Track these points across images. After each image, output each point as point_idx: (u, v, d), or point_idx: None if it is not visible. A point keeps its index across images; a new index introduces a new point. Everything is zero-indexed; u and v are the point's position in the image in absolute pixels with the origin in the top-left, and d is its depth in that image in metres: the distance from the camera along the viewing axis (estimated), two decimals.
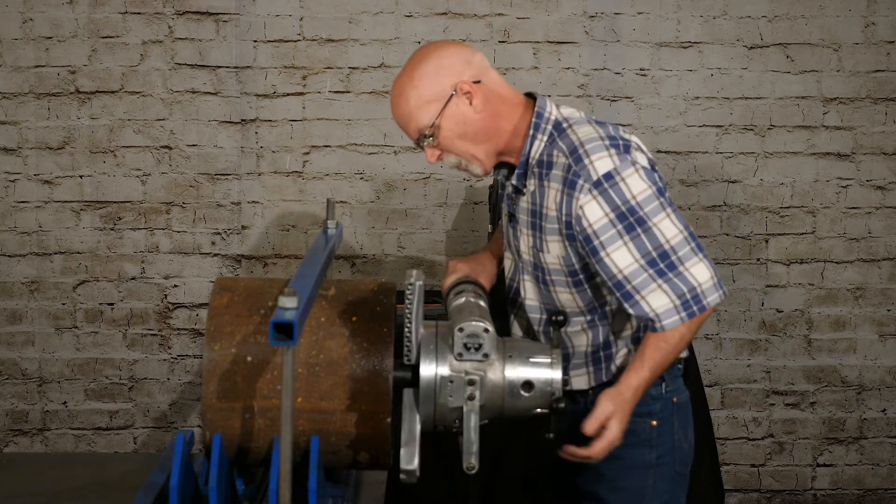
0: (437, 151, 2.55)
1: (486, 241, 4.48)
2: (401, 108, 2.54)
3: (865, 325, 4.80)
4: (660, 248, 2.43)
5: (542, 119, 2.55)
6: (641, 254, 2.43)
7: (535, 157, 2.55)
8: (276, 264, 4.73)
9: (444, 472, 3.80)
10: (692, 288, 2.43)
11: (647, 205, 2.43)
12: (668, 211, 2.45)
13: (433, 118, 2.50)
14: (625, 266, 2.44)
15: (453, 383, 2.34)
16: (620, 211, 2.43)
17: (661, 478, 2.62)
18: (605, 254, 2.45)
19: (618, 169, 2.44)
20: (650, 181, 2.46)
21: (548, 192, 2.52)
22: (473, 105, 2.51)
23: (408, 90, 2.52)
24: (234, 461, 2.39)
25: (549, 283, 2.58)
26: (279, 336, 1.97)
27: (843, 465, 4.84)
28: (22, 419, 4.76)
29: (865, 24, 4.69)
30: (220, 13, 4.64)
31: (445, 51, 2.56)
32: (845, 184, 4.75)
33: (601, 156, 2.45)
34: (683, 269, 2.44)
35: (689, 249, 2.45)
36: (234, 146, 4.68)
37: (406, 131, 2.56)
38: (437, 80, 2.51)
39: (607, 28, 4.66)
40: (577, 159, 2.46)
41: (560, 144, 2.51)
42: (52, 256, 4.70)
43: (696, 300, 2.44)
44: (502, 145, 2.57)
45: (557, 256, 2.54)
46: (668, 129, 4.70)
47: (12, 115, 4.65)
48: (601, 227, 2.44)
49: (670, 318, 2.44)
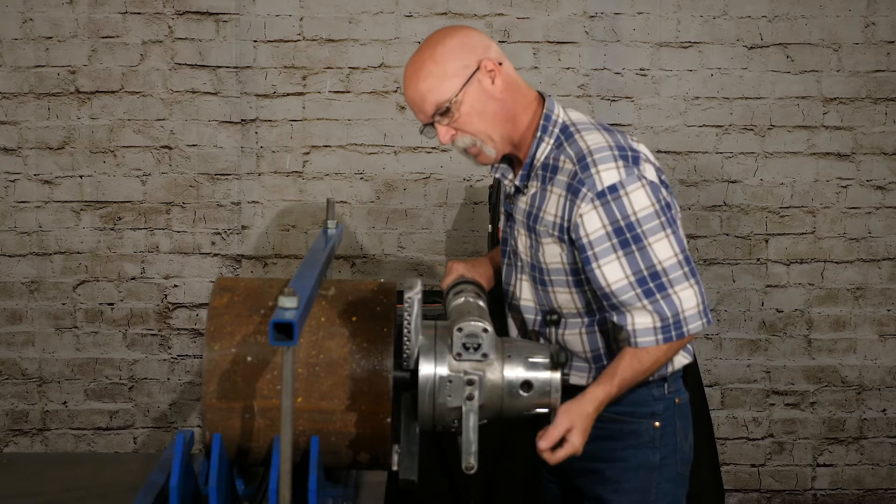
0: (451, 131, 2.53)
1: (486, 241, 4.49)
2: (420, 84, 2.50)
3: (865, 325, 4.80)
4: (652, 269, 2.42)
5: (550, 121, 2.55)
6: (633, 271, 2.42)
7: (539, 160, 2.54)
8: (276, 264, 4.73)
9: (444, 472, 3.80)
10: (676, 313, 2.43)
11: (647, 223, 2.42)
12: (668, 231, 2.44)
13: (455, 92, 2.48)
14: (614, 281, 2.44)
15: (452, 383, 2.34)
16: (619, 225, 2.42)
17: (664, 479, 2.61)
18: (597, 265, 2.44)
19: (623, 182, 2.42)
20: (655, 198, 2.44)
21: (549, 196, 2.51)
22: (496, 84, 2.51)
23: (429, 65, 2.50)
24: (234, 461, 2.39)
25: (547, 284, 2.57)
26: (279, 336, 1.97)
27: (843, 465, 4.84)
28: (22, 419, 4.76)
29: (865, 24, 4.69)
30: (220, 13, 4.64)
31: (468, 31, 2.56)
32: (845, 184, 4.75)
33: (608, 167, 2.44)
34: (672, 291, 2.43)
35: (680, 273, 2.44)
36: (234, 146, 4.69)
37: (421, 108, 2.52)
38: (462, 56, 2.50)
39: (607, 28, 4.66)
40: (584, 167, 2.45)
41: (568, 150, 2.50)
42: (52, 256, 4.70)
43: (676, 325, 2.44)
44: (516, 134, 2.56)
45: (556, 255, 2.53)
46: (668, 129, 4.70)
47: (12, 115, 4.65)
48: (597, 238, 2.43)
49: (646, 338, 2.45)
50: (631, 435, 2.58)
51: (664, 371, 2.60)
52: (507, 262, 2.71)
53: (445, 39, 2.53)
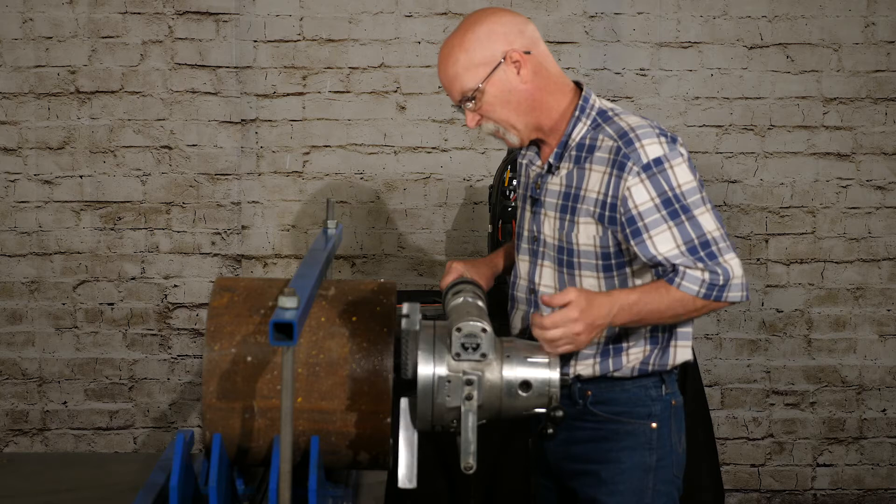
0: (476, 116, 2.58)
1: (487, 241, 4.48)
2: (448, 69, 2.55)
3: (865, 325, 4.80)
4: (702, 237, 2.46)
5: (588, 104, 2.60)
6: (684, 240, 2.46)
7: (575, 140, 2.58)
8: (276, 264, 4.73)
9: (444, 472, 3.80)
10: (728, 278, 2.46)
11: (692, 195, 2.47)
12: (709, 207, 2.50)
13: (479, 82, 2.53)
14: (666, 250, 2.46)
15: (451, 383, 2.34)
16: (667, 196, 2.46)
17: (660, 480, 2.60)
18: (648, 236, 2.47)
19: (668, 156, 2.48)
20: (694, 174, 2.50)
21: (588, 174, 2.53)
22: (521, 75, 2.55)
23: (457, 52, 2.54)
24: (234, 461, 2.39)
25: (574, 267, 2.57)
26: (279, 336, 1.97)
27: (843, 465, 4.84)
28: (22, 419, 4.76)
29: (865, 24, 4.69)
30: (220, 13, 4.64)
31: (500, 17, 2.59)
32: (845, 184, 4.75)
33: (652, 141, 2.49)
34: (723, 259, 2.47)
35: (727, 245, 2.49)
36: (234, 146, 4.69)
37: (449, 92, 2.58)
38: (488, 45, 2.54)
39: (607, 28, 4.66)
40: (627, 142, 2.50)
41: (607, 129, 2.55)
42: (52, 256, 4.70)
43: (721, 288, 2.46)
44: (544, 121, 2.59)
45: (591, 237, 2.54)
46: (668, 129, 4.70)
47: (12, 115, 4.65)
48: (646, 209, 2.46)
49: (691, 285, 2.45)
50: (627, 436, 2.57)
51: (664, 366, 2.60)
52: (527, 249, 2.68)
53: (475, 26, 2.56)
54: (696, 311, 2.50)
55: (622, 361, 2.58)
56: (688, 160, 2.51)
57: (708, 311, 2.52)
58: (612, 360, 2.59)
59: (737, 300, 2.49)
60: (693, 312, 2.50)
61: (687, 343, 2.63)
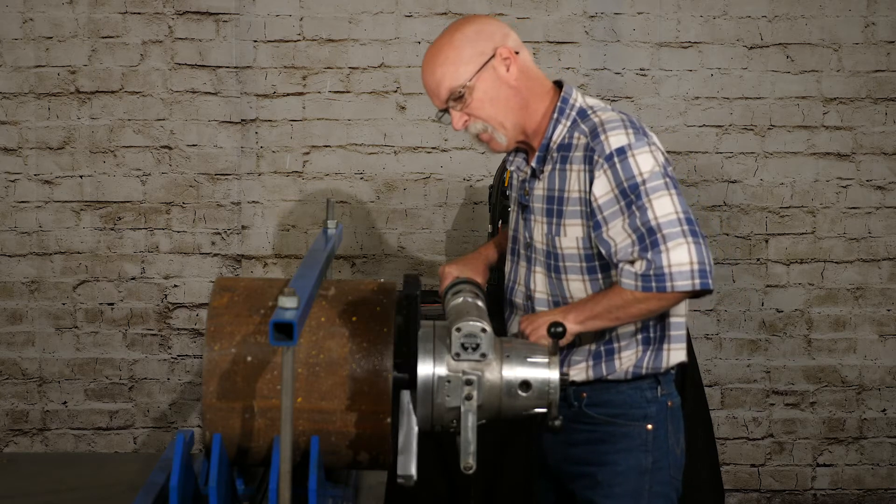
0: (464, 117, 2.56)
1: (486, 241, 4.48)
2: (436, 68, 2.54)
3: (865, 325, 4.80)
4: (647, 224, 2.42)
5: (567, 104, 2.59)
6: (632, 229, 2.43)
7: (556, 142, 2.57)
8: (276, 264, 4.73)
9: (444, 472, 3.80)
10: (661, 266, 2.39)
11: (652, 181, 2.44)
12: (672, 192, 2.45)
13: (469, 77, 2.52)
14: (619, 241, 2.45)
15: (451, 383, 2.34)
16: (623, 187, 2.44)
17: (657, 482, 2.59)
18: (606, 230, 2.46)
19: (631, 145, 2.46)
20: (659, 160, 2.46)
21: (569, 174, 2.53)
22: (510, 72, 2.55)
23: (446, 50, 2.54)
24: (234, 461, 2.39)
25: (561, 271, 2.57)
26: (279, 336, 1.97)
27: (843, 465, 4.84)
28: (22, 419, 4.76)
29: (865, 24, 4.69)
30: (220, 13, 4.64)
31: (487, 20, 2.62)
32: (845, 184, 4.75)
33: (618, 133, 2.48)
34: (664, 247, 2.40)
35: (678, 230, 2.41)
36: (234, 146, 4.69)
37: (437, 93, 2.56)
38: (478, 43, 2.54)
39: (607, 28, 4.66)
40: (594, 136, 2.49)
41: (582, 127, 2.54)
42: (52, 256, 4.70)
43: (658, 278, 2.39)
44: (528, 123, 2.59)
45: (575, 239, 2.53)
46: (668, 129, 4.70)
47: (12, 115, 4.65)
48: (605, 202, 2.46)
49: (627, 280, 2.42)
50: (623, 438, 2.57)
51: (658, 369, 2.59)
52: (521, 255, 2.68)
53: (463, 27, 2.57)
54: (652, 306, 2.43)
55: (615, 365, 2.58)
56: (656, 150, 2.47)
57: (669, 304, 2.45)
58: (604, 365, 2.59)
59: (687, 289, 2.39)
60: (650, 306, 2.43)
61: (681, 345, 2.62)
